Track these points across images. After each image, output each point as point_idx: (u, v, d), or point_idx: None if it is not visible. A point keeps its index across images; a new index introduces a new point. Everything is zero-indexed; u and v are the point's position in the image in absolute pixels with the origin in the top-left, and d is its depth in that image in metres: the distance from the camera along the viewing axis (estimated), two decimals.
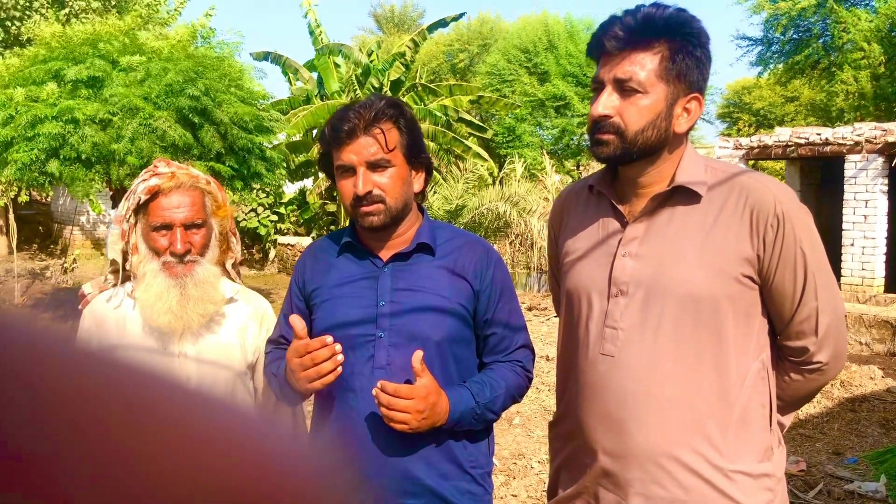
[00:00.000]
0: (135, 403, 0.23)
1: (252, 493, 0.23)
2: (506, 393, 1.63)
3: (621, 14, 1.41)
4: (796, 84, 22.76)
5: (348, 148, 1.57)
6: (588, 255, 1.54)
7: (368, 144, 1.57)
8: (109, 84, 6.74)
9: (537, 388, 5.82)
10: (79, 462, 0.20)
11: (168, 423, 0.23)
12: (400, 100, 1.72)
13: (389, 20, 38.51)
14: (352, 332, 1.59)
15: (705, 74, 1.44)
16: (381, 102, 1.60)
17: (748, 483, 1.41)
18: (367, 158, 1.57)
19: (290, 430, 0.27)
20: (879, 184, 10.07)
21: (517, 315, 1.70)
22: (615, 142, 1.40)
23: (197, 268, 1.78)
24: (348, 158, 1.57)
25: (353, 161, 1.57)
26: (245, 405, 0.27)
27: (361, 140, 1.57)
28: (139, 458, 0.21)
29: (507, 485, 4.16)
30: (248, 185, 7.91)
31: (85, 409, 0.21)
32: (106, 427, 0.21)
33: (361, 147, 1.57)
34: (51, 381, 0.21)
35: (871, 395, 5.85)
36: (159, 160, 1.83)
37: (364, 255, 1.67)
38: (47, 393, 0.21)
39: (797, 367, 1.46)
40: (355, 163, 1.57)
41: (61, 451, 0.20)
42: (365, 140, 1.57)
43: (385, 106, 1.60)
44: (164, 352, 1.79)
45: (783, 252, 1.38)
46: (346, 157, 1.58)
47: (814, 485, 4.11)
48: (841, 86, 17.09)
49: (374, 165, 1.57)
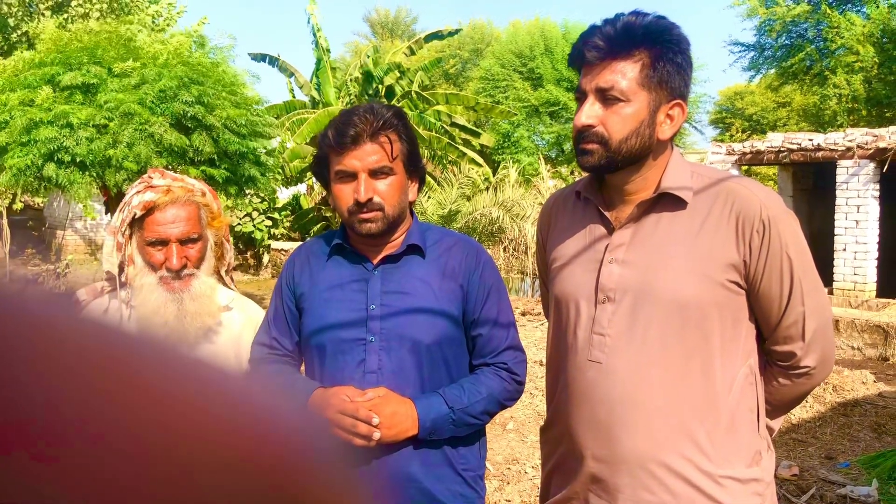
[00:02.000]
0: (128, 366, 0.23)
1: (242, 449, 0.24)
2: (487, 398, 1.61)
3: (601, 23, 1.41)
4: (788, 89, 22.87)
5: (352, 154, 1.56)
6: (575, 261, 1.54)
7: (373, 152, 1.56)
8: (104, 90, 6.73)
9: (531, 392, 5.83)
10: (71, 423, 0.20)
11: (160, 385, 0.23)
12: (401, 109, 1.72)
13: (384, 25, 38.55)
14: (342, 335, 1.59)
15: (687, 80, 1.44)
16: (387, 111, 1.60)
17: (737, 488, 1.41)
18: (371, 166, 1.56)
19: (281, 394, 0.27)
20: (871, 189, 10.12)
21: (505, 316, 1.69)
22: (600, 151, 1.40)
23: (194, 282, 1.77)
24: (351, 164, 1.56)
25: (355, 167, 1.56)
26: (236, 370, 0.27)
27: (367, 147, 1.56)
28: (132, 418, 0.21)
29: (501, 490, 4.16)
30: (242, 191, 7.91)
31: (76, 372, 0.21)
32: (99, 392, 0.21)
33: (366, 154, 1.56)
34: (39, 345, 0.22)
35: (864, 399, 5.88)
36: (153, 171, 1.83)
37: (354, 257, 1.66)
38: (36, 357, 0.21)
39: (785, 372, 1.47)
40: (358, 169, 1.56)
41: (50, 411, 0.20)
42: (370, 147, 1.56)
43: (391, 115, 1.59)
44: None
45: (769, 257, 1.38)
46: (349, 162, 1.57)
47: (806, 489, 4.13)
48: (834, 89, 17.18)
49: (375, 173, 1.57)
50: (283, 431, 0.26)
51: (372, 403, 1.48)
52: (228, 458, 0.23)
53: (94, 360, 0.22)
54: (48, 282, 12.68)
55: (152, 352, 0.25)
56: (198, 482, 0.22)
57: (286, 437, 0.26)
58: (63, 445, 0.20)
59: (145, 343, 0.25)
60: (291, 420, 0.27)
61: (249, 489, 0.23)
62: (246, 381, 0.27)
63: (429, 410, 1.54)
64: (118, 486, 0.20)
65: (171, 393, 0.23)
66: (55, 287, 11.80)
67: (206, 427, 0.23)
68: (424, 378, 1.58)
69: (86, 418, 0.21)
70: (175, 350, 0.25)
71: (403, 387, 1.55)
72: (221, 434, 0.23)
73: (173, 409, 0.23)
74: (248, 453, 0.24)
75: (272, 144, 8.41)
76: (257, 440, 0.24)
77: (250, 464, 0.24)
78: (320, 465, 0.27)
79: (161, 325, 1.72)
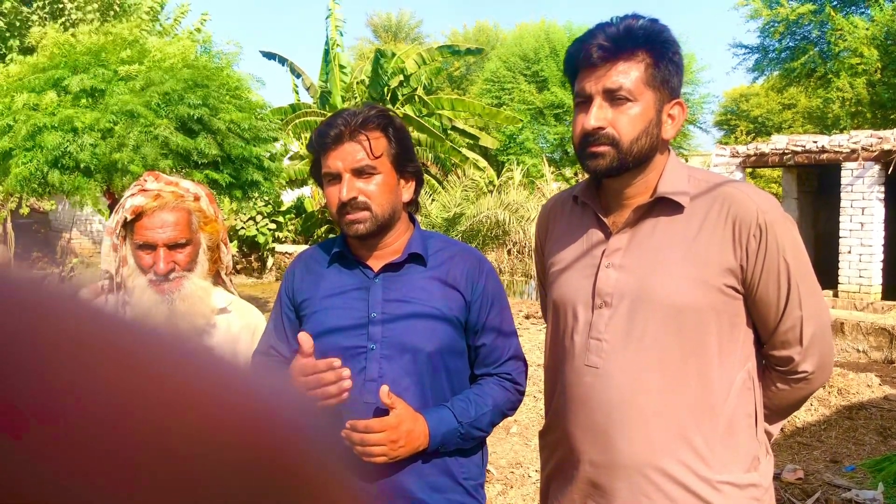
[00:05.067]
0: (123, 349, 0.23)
1: (236, 435, 0.24)
2: (493, 409, 1.61)
3: (602, 25, 1.42)
4: (793, 91, 22.83)
5: (334, 154, 1.57)
6: (572, 265, 1.54)
7: (354, 151, 1.56)
8: (110, 93, 6.75)
9: (535, 396, 5.82)
10: (69, 405, 0.21)
11: (155, 368, 0.23)
12: (390, 109, 1.71)
13: (387, 29, 38.60)
14: (343, 343, 1.58)
15: (681, 81, 1.46)
16: (370, 110, 1.60)
17: (735, 493, 1.40)
18: (353, 165, 1.56)
19: (277, 384, 0.28)
20: (876, 191, 10.09)
21: (508, 325, 1.69)
22: (611, 153, 1.39)
23: (184, 282, 1.79)
24: (334, 165, 1.57)
25: (338, 168, 1.57)
26: (233, 359, 0.28)
27: (346, 146, 1.57)
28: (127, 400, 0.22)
29: (504, 494, 4.15)
30: (246, 195, 7.93)
31: (71, 354, 0.22)
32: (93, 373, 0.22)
33: (346, 153, 1.56)
34: (36, 327, 0.22)
35: (869, 402, 5.85)
36: (149, 174, 1.85)
37: (355, 265, 1.66)
38: (31, 339, 0.21)
39: (783, 377, 1.46)
40: (341, 169, 1.57)
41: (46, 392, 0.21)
42: (350, 146, 1.56)
43: (373, 114, 1.59)
44: None
45: (766, 262, 1.38)
46: (333, 163, 1.57)
47: (811, 493, 4.11)
48: (837, 93, 17.15)
49: (359, 172, 1.57)
50: (274, 411, 0.26)
51: (387, 422, 1.47)
52: (219, 436, 0.23)
53: (90, 342, 0.22)
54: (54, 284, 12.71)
55: (147, 335, 0.25)
56: (191, 463, 0.22)
57: (278, 417, 0.26)
58: (61, 427, 0.20)
59: (142, 327, 0.25)
60: (281, 400, 0.27)
61: (242, 469, 0.24)
62: (236, 364, 0.27)
63: (439, 425, 1.53)
64: (115, 464, 0.21)
65: (165, 373, 0.23)
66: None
67: (197, 405, 0.23)
68: (425, 386, 1.58)
69: (82, 399, 0.21)
70: (170, 334, 0.25)
71: (404, 395, 1.54)
72: (213, 412, 0.24)
73: (166, 387, 0.23)
74: (243, 434, 0.24)
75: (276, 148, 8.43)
76: (252, 420, 0.25)
77: (242, 443, 0.24)
78: (311, 443, 0.27)
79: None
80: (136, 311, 1.77)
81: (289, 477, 0.25)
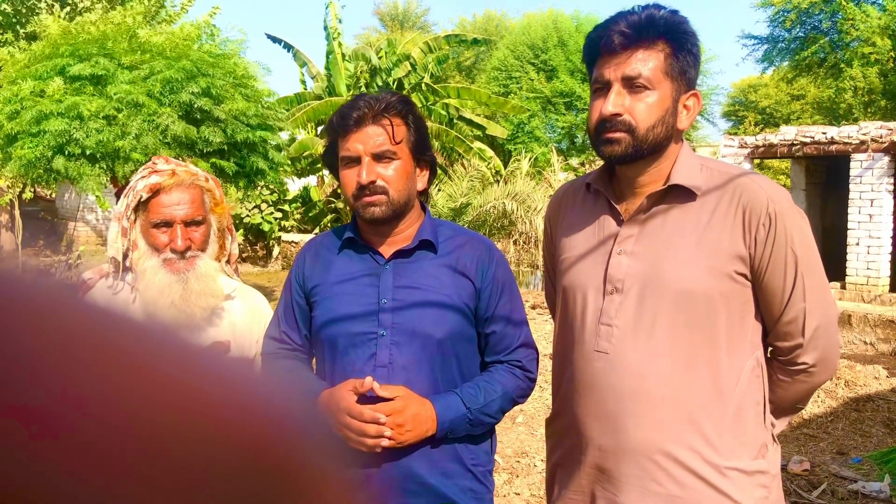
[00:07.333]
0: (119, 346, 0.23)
1: (235, 432, 0.24)
2: (503, 396, 1.61)
3: (624, 13, 1.43)
4: (802, 82, 22.68)
5: (355, 136, 1.57)
6: (584, 252, 1.55)
7: (376, 134, 1.57)
8: (114, 82, 6.75)
9: (541, 386, 5.82)
10: (69, 404, 0.21)
11: (154, 368, 0.23)
12: (408, 97, 1.72)
13: (393, 18, 38.49)
14: (353, 329, 1.58)
15: (698, 73, 1.48)
16: (392, 97, 1.61)
17: (743, 480, 1.41)
18: (373, 149, 1.56)
19: (278, 383, 0.27)
20: (885, 183, 10.03)
21: (518, 313, 1.69)
22: (627, 139, 1.41)
23: (198, 262, 1.80)
24: (354, 148, 1.57)
25: (358, 151, 1.57)
26: (233, 359, 0.27)
27: (369, 129, 1.57)
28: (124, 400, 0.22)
29: (510, 483, 4.16)
30: (252, 183, 7.92)
31: (69, 353, 0.22)
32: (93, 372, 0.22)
33: (368, 136, 1.57)
34: (35, 327, 0.22)
35: (876, 394, 5.83)
36: (158, 157, 1.86)
37: (366, 251, 1.65)
38: (30, 339, 0.21)
39: (784, 368, 1.47)
40: (361, 152, 1.56)
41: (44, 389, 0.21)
42: (373, 129, 1.57)
43: (395, 100, 1.60)
44: None
45: (774, 251, 1.39)
46: (353, 146, 1.57)
47: (818, 484, 4.10)
48: (849, 82, 17.02)
49: (379, 157, 1.57)
50: (277, 417, 0.26)
51: (392, 406, 1.47)
52: (220, 439, 0.23)
53: (91, 343, 0.22)
54: (60, 273, 12.78)
55: (150, 336, 0.25)
56: (191, 464, 0.22)
57: (279, 422, 0.26)
58: (62, 426, 0.20)
59: (144, 327, 0.25)
60: (286, 407, 0.27)
61: (242, 469, 0.24)
62: (243, 368, 0.27)
63: (447, 410, 1.53)
64: (117, 464, 0.21)
65: (168, 374, 0.23)
66: (66, 278, 11.92)
67: (199, 410, 0.23)
68: (435, 373, 1.58)
69: (83, 399, 0.21)
70: (175, 335, 0.25)
71: (414, 381, 1.54)
72: (212, 414, 0.24)
73: (169, 390, 0.23)
74: (242, 439, 0.24)
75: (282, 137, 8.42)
76: (252, 425, 0.25)
77: (242, 443, 0.24)
78: (310, 450, 0.27)
79: (167, 305, 1.74)
80: (146, 294, 1.77)
81: (288, 478, 0.25)
